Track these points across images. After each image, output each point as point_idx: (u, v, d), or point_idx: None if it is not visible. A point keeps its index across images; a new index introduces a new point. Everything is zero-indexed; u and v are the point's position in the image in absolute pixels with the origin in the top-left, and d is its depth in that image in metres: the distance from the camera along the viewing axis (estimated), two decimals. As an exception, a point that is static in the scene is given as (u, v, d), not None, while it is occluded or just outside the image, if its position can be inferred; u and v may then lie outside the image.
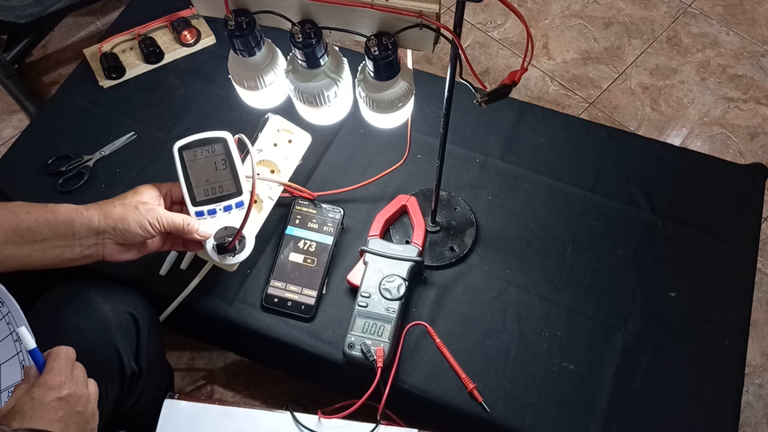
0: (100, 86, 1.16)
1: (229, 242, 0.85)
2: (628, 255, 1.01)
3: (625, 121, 1.60)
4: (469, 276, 1.00)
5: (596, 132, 1.13)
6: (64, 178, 1.06)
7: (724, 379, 0.92)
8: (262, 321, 0.96)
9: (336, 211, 1.02)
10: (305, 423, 0.87)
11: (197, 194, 0.86)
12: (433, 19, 0.64)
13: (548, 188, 1.07)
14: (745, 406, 1.28)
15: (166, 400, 0.89)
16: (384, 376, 0.88)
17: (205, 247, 0.86)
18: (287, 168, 0.99)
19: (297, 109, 0.83)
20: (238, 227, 0.85)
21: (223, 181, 0.87)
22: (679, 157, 1.10)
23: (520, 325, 0.96)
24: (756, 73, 1.66)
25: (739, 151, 1.56)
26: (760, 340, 1.35)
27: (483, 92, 0.66)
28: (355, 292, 0.96)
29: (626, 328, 0.95)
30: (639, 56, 1.70)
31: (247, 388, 1.27)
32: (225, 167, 0.87)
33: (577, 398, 0.91)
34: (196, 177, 0.86)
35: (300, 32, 0.69)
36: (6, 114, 1.64)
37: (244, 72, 0.78)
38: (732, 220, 1.04)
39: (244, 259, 0.88)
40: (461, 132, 1.12)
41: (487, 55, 1.71)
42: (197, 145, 0.87)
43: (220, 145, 0.87)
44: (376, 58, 0.68)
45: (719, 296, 0.98)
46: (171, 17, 1.20)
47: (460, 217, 1.04)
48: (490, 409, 0.89)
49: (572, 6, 1.78)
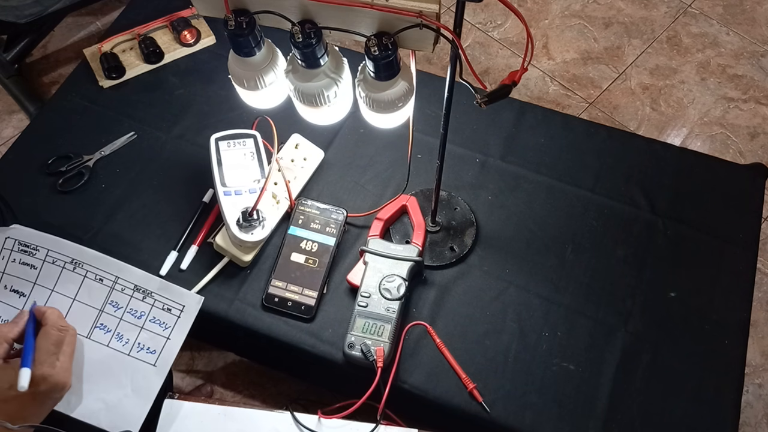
0: (100, 86, 1.16)
1: (251, 210, 0.94)
2: (628, 255, 1.01)
3: (625, 121, 1.60)
4: (469, 276, 1.00)
5: (596, 132, 1.13)
6: (64, 178, 1.06)
7: (724, 379, 0.92)
8: (262, 321, 0.96)
9: (339, 212, 1.02)
10: (305, 423, 0.87)
11: (227, 177, 0.97)
12: (433, 19, 0.64)
13: (548, 188, 1.07)
14: (745, 406, 1.28)
15: (166, 400, 0.89)
16: (384, 376, 0.88)
17: (228, 223, 0.93)
18: (299, 182, 1.06)
19: (297, 109, 0.83)
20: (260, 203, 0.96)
21: (250, 168, 0.99)
22: (679, 157, 1.10)
23: (520, 325, 0.96)
24: (756, 73, 1.66)
25: (739, 151, 1.56)
26: (760, 340, 1.35)
27: (483, 93, 0.66)
28: (355, 292, 0.96)
29: (626, 328, 0.95)
30: (639, 56, 1.70)
31: (247, 388, 1.27)
32: (253, 158, 0.99)
33: (577, 398, 0.91)
34: (228, 163, 0.98)
35: (300, 32, 0.69)
36: (6, 114, 1.65)
37: (244, 72, 0.78)
38: (732, 220, 1.04)
39: (263, 238, 0.96)
40: (461, 132, 1.12)
41: (487, 55, 1.71)
42: (231, 138, 1.00)
43: (251, 140, 1.00)
44: (376, 58, 0.68)
45: (719, 296, 0.98)
46: (171, 17, 1.20)
47: (460, 217, 1.04)
48: (490, 409, 0.89)
49: (572, 6, 1.78)
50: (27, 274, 0.82)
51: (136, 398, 0.79)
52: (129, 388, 0.80)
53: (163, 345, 0.81)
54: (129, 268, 0.83)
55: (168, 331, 0.81)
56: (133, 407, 0.79)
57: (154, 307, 0.82)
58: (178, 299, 0.82)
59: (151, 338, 0.82)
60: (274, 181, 1.02)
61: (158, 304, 0.82)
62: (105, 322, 0.81)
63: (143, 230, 1.02)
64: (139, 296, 0.82)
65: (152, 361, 0.81)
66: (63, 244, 0.83)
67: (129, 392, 0.80)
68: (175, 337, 0.81)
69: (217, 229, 1.00)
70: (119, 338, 0.81)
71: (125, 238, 1.01)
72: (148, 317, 0.82)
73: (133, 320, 0.82)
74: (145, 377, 0.80)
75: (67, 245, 0.82)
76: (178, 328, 0.82)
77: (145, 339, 0.81)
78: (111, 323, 0.81)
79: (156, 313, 0.82)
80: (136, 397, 0.79)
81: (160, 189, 1.06)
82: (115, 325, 0.81)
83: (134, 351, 0.81)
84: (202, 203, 1.04)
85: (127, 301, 0.82)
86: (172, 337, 0.81)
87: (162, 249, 1.00)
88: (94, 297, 0.82)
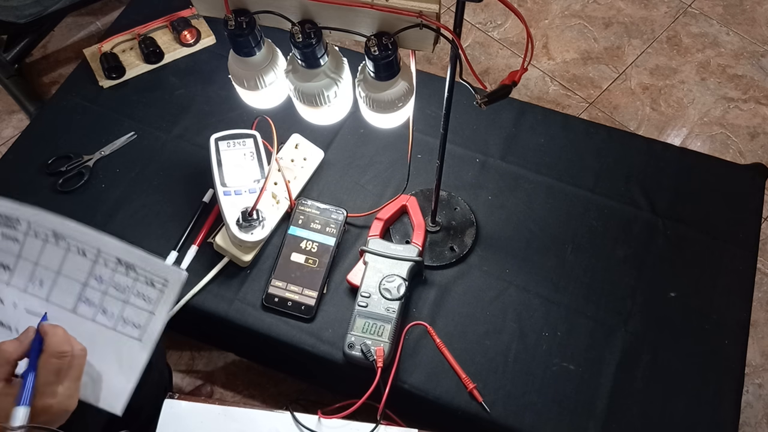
0: (100, 86, 1.16)
1: (251, 210, 0.94)
2: (628, 255, 1.01)
3: (625, 121, 1.60)
4: (469, 276, 1.00)
5: (596, 132, 1.13)
6: (64, 178, 1.06)
7: (724, 379, 0.92)
8: (262, 321, 0.96)
9: (339, 212, 1.02)
10: (305, 423, 0.87)
11: (227, 177, 0.97)
12: (433, 19, 0.64)
13: (548, 188, 1.07)
14: (745, 406, 1.28)
15: (166, 400, 0.89)
16: (384, 376, 0.88)
17: (227, 223, 0.94)
18: (298, 182, 1.06)
19: (297, 109, 0.83)
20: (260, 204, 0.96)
21: (250, 168, 0.99)
22: (679, 157, 1.10)
23: (520, 325, 0.96)
24: (756, 73, 1.66)
25: (739, 151, 1.56)
26: (760, 340, 1.35)
27: (483, 93, 0.66)
28: (355, 292, 0.96)
29: (626, 328, 0.95)
30: (639, 56, 1.70)
31: (247, 388, 1.27)
32: (253, 158, 1.00)
33: (577, 398, 0.91)
34: (228, 163, 0.98)
35: (300, 32, 0.69)
36: (6, 114, 1.65)
37: (244, 72, 0.78)
38: (732, 220, 1.04)
39: (263, 237, 0.96)
40: (461, 132, 1.12)
41: (487, 55, 1.71)
42: (231, 138, 1.01)
43: (251, 140, 1.01)
44: (376, 58, 0.68)
45: (719, 296, 0.98)
46: (171, 17, 1.20)
47: (460, 217, 1.04)
48: (490, 409, 0.89)
49: (572, 6, 1.78)
50: (10, 248, 0.82)
51: (121, 372, 0.80)
52: (114, 362, 0.80)
53: (147, 319, 0.81)
54: (110, 241, 0.83)
55: (152, 305, 0.81)
56: (118, 381, 0.79)
57: (137, 281, 0.82)
58: (161, 273, 0.83)
59: (135, 312, 0.82)
60: (274, 181, 1.02)
61: (141, 278, 0.82)
62: (89, 296, 0.82)
63: (143, 230, 1.02)
64: (122, 270, 0.82)
65: (137, 336, 0.81)
66: (43, 215, 0.83)
67: (114, 366, 0.80)
68: (160, 311, 0.81)
69: (217, 229, 1.00)
70: (104, 312, 0.81)
71: (125, 238, 1.00)
72: (132, 291, 0.82)
73: (117, 294, 0.82)
74: (130, 351, 0.80)
75: (47, 217, 0.82)
76: (162, 303, 0.81)
77: (130, 313, 0.82)
78: (95, 297, 0.82)
79: (140, 287, 0.82)
80: (122, 372, 0.80)
81: (160, 189, 1.06)
82: (99, 299, 0.82)
83: (119, 325, 0.81)
84: (202, 203, 1.04)
85: (111, 274, 0.82)
86: (157, 311, 0.81)
87: (162, 249, 1.00)
88: (78, 270, 0.82)
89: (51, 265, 0.81)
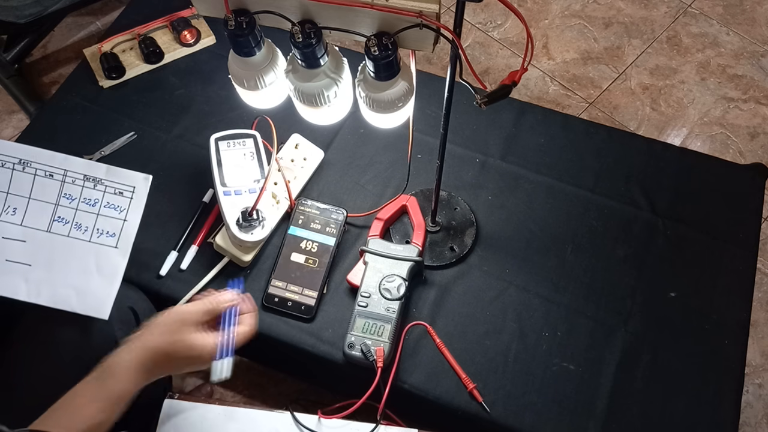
0: (100, 86, 1.16)
1: (250, 210, 0.94)
2: (628, 255, 1.01)
3: (625, 121, 1.60)
4: (469, 276, 1.00)
5: (596, 132, 1.13)
6: (64, 178, 1.06)
7: (724, 379, 0.92)
8: (262, 321, 0.96)
9: (339, 212, 1.02)
10: (305, 423, 0.87)
11: (227, 177, 0.98)
12: (433, 19, 0.64)
13: (548, 188, 1.07)
14: (745, 406, 1.28)
15: (166, 400, 0.89)
16: (384, 376, 0.88)
17: (227, 223, 0.94)
18: (298, 182, 1.06)
19: (297, 109, 0.83)
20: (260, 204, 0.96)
21: (250, 168, 0.99)
22: (679, 157, 1.10)
23: (520, 325, 0.96)
24: (756, 73, 1.66)
25: (739, 151, 1.56)
26: (760, 340, 1.35)
27: (483, 93, 0.66)
28: (355, 292, 0.96)
29: (626, 328, 0.95)
30: (639, 56, 1.70)
31: (247, 388, 1.27)
32: (253, 158, 1.00)
33: (577, 398, 0.91)
34: (228, 163, 0.99)
35: (300, 32, 0.69)
36: (6, 114, 1.65)
37: (244, 72, 0.78)
38: (732, 220, 1.04)
39: (263, 237, 0.96)
40: (461, 132, 1.12)
41: (487, 55, 1.71)
42: (231, 138, 1.01)
43: (251, 140, 1.01)
44: (376, 58, 0.68)
45: (719, 296, 0.98)
46: (171, 17, 1.20)
47: (460, 217, 1.04)
48: (490, 409, 0.89)
49: (572, 6, 1.78)
50: None
51: (102, 280, 0.83)
52: (95, 271, 0.84)
53: (121, 227, 0.85)
54: (74, 159, 0.86)
55: (123, 213, 0.85)
56: (101, 289, 0.83)
57: (106, 193, 0.85)
58: (127, 181, 0.86)
59: (108, 222, 0.85)
60: (274, 181, 1.02)
61: (109, 189, 0.85)
62: (62, 214, 0.85)
63: (143, 230, 1.02)
64: (90, 185, 0.85)
65: (113, 244, 0.85)
66: (6, 144, 0.85)
67: (95, 275, 0.83)
68: (131, 217, 0.85)
69: (217, 229, 1.00)
70: (78, 227, 0.85)
71: (125, 238, 1.01)
72: (102, 203, 0.85)
73: (89, 208, 0.85)
74: (108, 259, 0.84)
75: (9, 146, 0.86)
76: (132, 209, 0.86)
77: (103, 224, 0.85)
78: (68, 215, 0.85)
79: (109, 198, 0.85)
80: (103, 279, 0.83)
81: (160, 189, 1.06)
82: (72, 215, 0.85)
83: (95, 237, 0.84)
84: (202, 203, 1.04)
85: (80, 191, 0.85)
86: (129, 218, 0.85)
87: (162, 249, 1.00)
88: (47, 193, 0.85)
89: (21, 192, 0.85)
